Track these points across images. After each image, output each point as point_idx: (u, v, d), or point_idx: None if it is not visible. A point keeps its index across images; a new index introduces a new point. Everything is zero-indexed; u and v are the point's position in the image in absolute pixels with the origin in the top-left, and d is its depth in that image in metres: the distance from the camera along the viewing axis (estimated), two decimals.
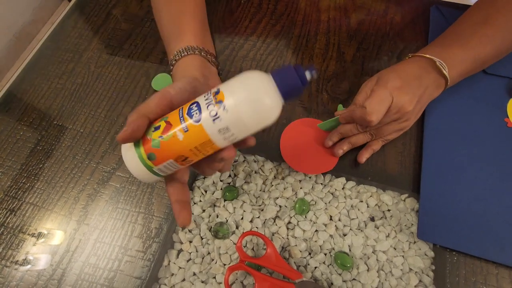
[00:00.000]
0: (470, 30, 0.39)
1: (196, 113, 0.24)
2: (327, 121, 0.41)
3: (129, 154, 0.26)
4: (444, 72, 0.37)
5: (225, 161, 0.28)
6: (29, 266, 0.38)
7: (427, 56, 0.38)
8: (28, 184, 0.42)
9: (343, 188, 0.40)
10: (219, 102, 0.24)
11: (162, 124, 0.26)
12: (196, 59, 0.36)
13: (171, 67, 0.37)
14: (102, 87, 0.49)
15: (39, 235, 0.39)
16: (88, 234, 0.39)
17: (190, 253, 0.37)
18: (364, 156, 0.41)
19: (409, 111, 0.36)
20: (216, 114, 0.24)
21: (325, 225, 0.38)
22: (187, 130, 0.24)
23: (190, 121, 0.24)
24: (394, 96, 0.35)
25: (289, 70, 0.24)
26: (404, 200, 0.40)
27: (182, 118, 0.25)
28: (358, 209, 0.39)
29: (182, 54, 0.36)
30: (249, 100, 0.24)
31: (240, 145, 0.27)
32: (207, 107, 0.24)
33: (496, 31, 0.38)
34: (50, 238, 0.39)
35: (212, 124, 0.24)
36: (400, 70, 0.38)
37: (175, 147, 0.25)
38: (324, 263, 0.36)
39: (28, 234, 0.39)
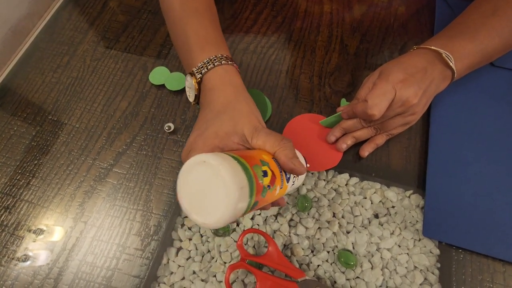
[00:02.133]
0: (478, 22, 0.38)
1: (288, 175, 0.29)
2: (329, 118, 0.40)
3: (235, 198, 0.21)
4: (451, 64, 0.36)
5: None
6: (24, 264, 0.37)
7: (433, 48, 0.36)
8: (22, 181, 0.41)
9: (346, 185, 0.39)
10: None
11: (268, 171, 0.26)
12: (234, 70, 0.35)
13: (205, 69, 0.34)
14: (98, 81, 0.48)
15: (35, 233, 0.38)
16: (85, 232, 0.38)
17: (189, 251, 0.36)
18: (366, 150, 0.40)
19: (414, 104, 0.35)
20: (294, 181, 0.31)
21: (328, 222, 0.37)
22: (282, 187, 0.28)
23: (284, 180, 0.28)
24: (397, 89, 0.34)
25: None
26: (409, 197, 0.39)
27: (281, 173, 0.28)
28: (362, 206, 0.38)
29: (223, 62, 0.34)
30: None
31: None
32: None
33: (504, 24, 0.37)
34: (46, 236, 0.38)
35: (290, 187, 0.30)
36: (404, 62, 0.37)
37: (270, 199, 0.27)
38: (327, 261, 0.36)
39: (24, 232, 0.38)
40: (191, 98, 0.36)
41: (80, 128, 0.44)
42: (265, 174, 0.25)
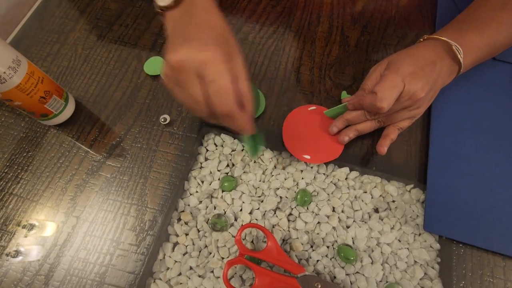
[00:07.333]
0: (487, 15, 0.37)
1: None
2: (333, 108, 0.39)
3: None
4: (459, 57, 0.35)
5: None
6: (13, 260, 0.35)
7: (443, 38, 0.35)
8: (11, 174, 0.40)
9: (346, 178, 0.39)
10: None
11: None
12: None
13: None
14: (90, 71, 0.46)
15: (25, 228, 0.37)
16: (77, 227, 0.37)
17: (186, 246, 0.35)
18: (384, 146, 0.37)
19: (421, 98, 0.34)
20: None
21: (328, 216, 0.36)
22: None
23: None
24: (406, 82, 0.33)
25: None
26: (410, 191, 0.38)
27: None
28: (362, 200, 0.38)
29: None
30: None
31: None
32: None
33: None
34: (36, 231, 0.37)
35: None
36: (413, 54, 0.35)
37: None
38: (326, 256, 0.35)
39: (12, 228, 0.37)
40: None
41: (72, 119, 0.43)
42: None
